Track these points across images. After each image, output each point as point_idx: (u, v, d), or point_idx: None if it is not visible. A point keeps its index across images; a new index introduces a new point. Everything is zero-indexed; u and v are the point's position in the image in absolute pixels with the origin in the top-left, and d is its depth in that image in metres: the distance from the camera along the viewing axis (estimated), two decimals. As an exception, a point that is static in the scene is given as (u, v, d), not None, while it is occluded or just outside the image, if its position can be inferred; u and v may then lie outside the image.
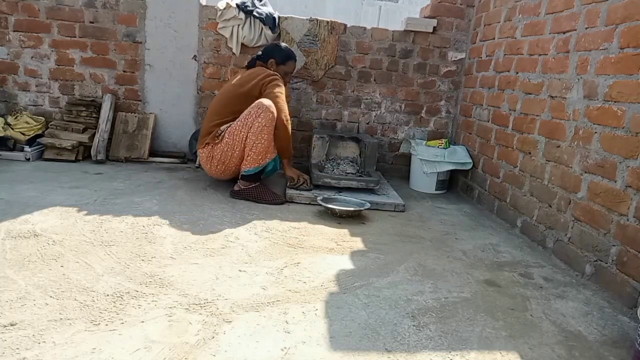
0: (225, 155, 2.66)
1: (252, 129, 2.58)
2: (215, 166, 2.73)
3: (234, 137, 2.62)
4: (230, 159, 2.67)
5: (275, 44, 3.00)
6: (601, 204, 1.98)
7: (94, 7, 3.40)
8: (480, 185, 3.18)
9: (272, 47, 2.96)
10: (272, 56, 2.87)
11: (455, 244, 2.34)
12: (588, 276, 2.02)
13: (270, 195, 2.71)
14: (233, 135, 2.62)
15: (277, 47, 2.94)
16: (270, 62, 2.86)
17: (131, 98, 3.57)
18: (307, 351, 1.31)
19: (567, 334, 1.56)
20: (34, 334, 1.26)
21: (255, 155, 2.62)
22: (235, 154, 2.65)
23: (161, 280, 1.64)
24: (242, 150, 2.63)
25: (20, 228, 1.97)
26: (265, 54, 2.89)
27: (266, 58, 2.87)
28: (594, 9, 2.14)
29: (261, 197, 2.70)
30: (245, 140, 2.61)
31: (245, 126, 2.59)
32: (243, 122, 2.60)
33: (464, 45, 3.67)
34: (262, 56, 2.89)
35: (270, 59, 2.86)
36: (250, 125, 2.58)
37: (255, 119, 2.57)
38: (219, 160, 2.69)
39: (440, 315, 1.59)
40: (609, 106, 1.98)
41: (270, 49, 2.94)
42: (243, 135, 2.60)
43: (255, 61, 2.91)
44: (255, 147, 2.61)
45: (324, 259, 1.98)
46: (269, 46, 3.00)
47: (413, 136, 3.82)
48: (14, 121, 3.29)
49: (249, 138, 2.60)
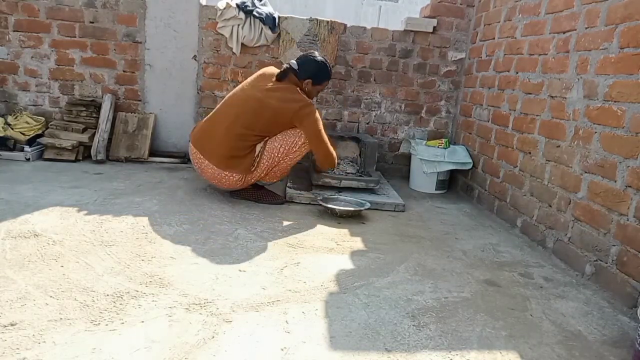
0: (257, 176, 2.59)
1: (288, 156, 2.56)
2: (239, 185, 2.58)
3: (271, 160, 2.55)
4: (256, 179, 2.61)
5: (314, 60, 2.62)
6: (601, 203, 1.98)
7: (94, 7, 3.40)
8: (480, 185, 3.18)
9: (311, 63, 2.61)
10: (310, 76, 2.59)
11: (455, 244, 2.34)
12: (588, 276, 2.02)
13: (271, 196, 2.71)
14: (270, 159, 2.55)
15: (317, 65, 2.61)
16: (307, 82, 2.59)
17: (131, 98, 3.57)
18: (307, 351, 1.31)
19: (567, 334, 1.56)
20: (34, 334, 1.26)
21: (278, 174, 2.65)
22: (263, 174, 2.60)
23: (161, 280, 1.64)
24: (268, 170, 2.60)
25: (20, 228, 1.97)
26: (304, 71, 2.57)
27: (303, 75, 2.57)
28: (593, 8, 2.14)
29: (262, 197, 2.69)
30: (278, 162, 2.57)
31: (284, 152, 2.55)
32: (285, 149, 2.54)
33: (464, 45, 3.67)
34: (300, 71, 2.57)
35: (308, 79, 2.59)
36: (287, 153, 2.55)
37: (294, 150, 2.56)
38: (249, 181, 2.58)
39: (440, 315, 1.59)
40: (609, 106, 1.98)
41: (309, 66, 2.59)
42: (280, 158, 2.56)
43: (287, 73, 2.56)
44: (281, 170, 2.62)
45: (324, 259, 1.98)
46: (308, 62, 2.61)
47: (413, 136, 3.82)
48: (14, 121, 3.29)
49: (283, 161, 2.57)
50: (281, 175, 2.67)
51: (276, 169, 2.60)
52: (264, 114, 2.47)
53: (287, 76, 2.56)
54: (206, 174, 2.55)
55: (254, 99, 2.49)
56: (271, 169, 2.58)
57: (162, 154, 3.55)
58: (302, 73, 2.58)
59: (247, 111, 2.47)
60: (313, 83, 2.62)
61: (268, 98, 2.48)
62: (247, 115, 2.47)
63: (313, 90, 2.66)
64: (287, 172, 2.70)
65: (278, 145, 2.53)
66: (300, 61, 2.61)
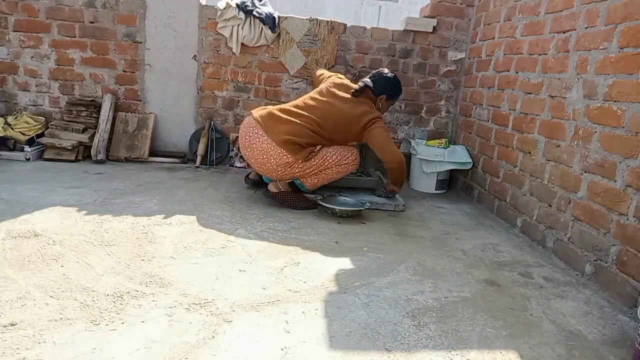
0: (302, 171, 2.60)
1: (337, 167, 2.64)
2: (279, 172, 2.58)
3: (322, 162, 2.60)
4: (298, 174, 2.62)
5: (387, 77, 2.80)
6: (601, 203, 1.99)
7: (94, 7, 3.40)
8: (480, 185, 3.18)
9: (386, 81, 2.79)
10: (385, 92, 2.77)
11: (455, 244, 2.34)
12: (588, 276, 2.02)
13: (307, 202, 2.69)
14: (322, 160, 2.60)
15: (391, 82, 2.81)
16: (381, 98, 2.77)
17: (131, 98, 3.57)
18: (307, 351, 1.31)
19: (567, 334, 1.56)
20: (34, 333, 1.26)
21: (319, 183, 2.69)
22: (307, 172, 2.62)
23: (161, 280, 1.64)
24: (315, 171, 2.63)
25: (20, 228, 1.97)
26: (379, 88, 2.75)
27: (379, 92, 2.75)
28: (593, 8, 2.14)
29: (297, 203, 2.66)
30: (324, 169, 2.63)
31: (335, 161, 2.63)
32: (337, 158, 2.63)
33: (464, 44, 3.67)
34: (375, 88, 2.74)
35: (382, 94, 2.77)
36: (338, 164, 2.64)
37: (344, 163, 2.65)
38: (291, 173, 2.59)
39: (440, 315, 1.59)
40: (608, 106, 1.99)
41: (384, 82, 2.78)
42: (329, 164, 2.62)
43: (364, 90, 2.72)
44: (324, 178, 2.67)
45: (324, 259, 1.98)
46: (383, 79, 2.79)
47: (413, 136, 3.82)
48: (14, 121, 3.29)
49: (330, 169, 2.64)
50: (320, 184, 2.71)
51: (321, 175, 2.65)
52: (337, 121, 2.61)
53: (363, 92, 2.72)
54: (256, 150, 2.55)
55: (335, 107, 2.63)
56: (317, 171, 2.62)
57: (162, 154, 3.55)
58: (378, 90, 2.76)
59: (325, 115, 2.60)
60: (387, 98, 2.81)
61: (347, 108, 2.64)
62: (323, 117, 2.60)
63: (386, 105, 2.86)
64: (326, 183, 2.72)
65: (333, 152, 2.64)
66: (374, 79, 2.78)
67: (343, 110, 2.63)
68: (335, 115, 2.62)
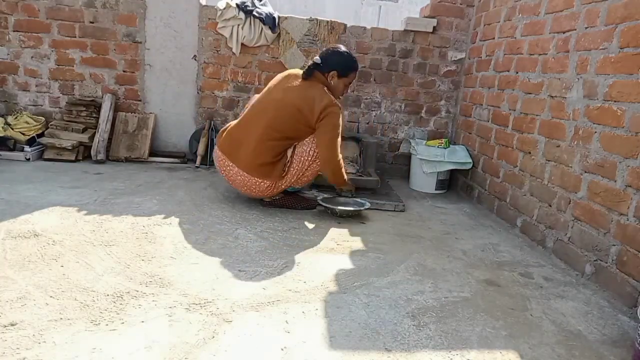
0: (287, 183, 2.52)
1: (315, 162, 2.49)
2: (267, 193, 2.51)
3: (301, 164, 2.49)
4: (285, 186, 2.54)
5: (337, 51, 2.52)
6: (601, 203, 1.98)
7: (94, 7, 3.40)
8: (480, 185, 3.18)
9: (334, 55, 2.51)
10: (334, 67, 2.48)
11: (455, 244, 2.34)
12: (588, 276, 2.02)
13: (305, 201, 2.67)
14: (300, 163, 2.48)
15: (340, 56, 2.51)
16: (332, 74, 2.49)
17: (131, 98, 3.57)
18: (307, 351, 1.31)
19: (567, 334, 1.56)
20: (34, 333, 1.26)
21: (308, 179, 2.59)
22: (292, 180, 2.52)
23: (161, 280, 1.64)
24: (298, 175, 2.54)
25: (20, 228, 1.97)
26: (327, 64, 2.47)
27: (327, 68, 2.47)
28: (593, 8, 2.14)
29: (297, 204, 2.64)
30: (306, 169, 2.50)
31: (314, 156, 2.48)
32: (315, 152, 2.47)
33: (464, 45, 3.67)
34: (322, 65, 2.47)
35: (332, 70, 2.48)
36: (309, 166, 2.50)
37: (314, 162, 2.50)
38: (278, 188, 2.51)
39: (440, 315, 1.59)
40: (608, 106, 1.99)
41: (332, 57, 2.49)
42: (310, 161, 2.49)
43: (312, 70, 2.48)
44: (312, 174, 2.56)
45: (324, 259, 1.98)
46: (331, 53, 2.51)
47: (413, 136, 3.82)
48: (14, 121, 3.29)
49: (311, 166, 2.51)
50: (312, 178, 2.61)
51: (307, 173, 2.54)
52: (291, 115, 2.40)
53: (312, 74, 2.48)
54: (235, 181, 2.48)
55: (280, 101, 2.43)
56: (302, 174, 2.51)
57: (162, 154, 3.55)
58: (326, 66, 2.47)
59: (276, 115, 2.41)
60: (339, 75, 2.51)
61: (294, 98, 2.41)
62: (276, 119, 2.41)
63: (340, 83, 2.54)
64: (316, 175, 2.61)
65: (307, 148, 2.48)
66: (323, 54, 2.52)
67: (293, 102, 2.40)
68: (288, 110, 2.40)
